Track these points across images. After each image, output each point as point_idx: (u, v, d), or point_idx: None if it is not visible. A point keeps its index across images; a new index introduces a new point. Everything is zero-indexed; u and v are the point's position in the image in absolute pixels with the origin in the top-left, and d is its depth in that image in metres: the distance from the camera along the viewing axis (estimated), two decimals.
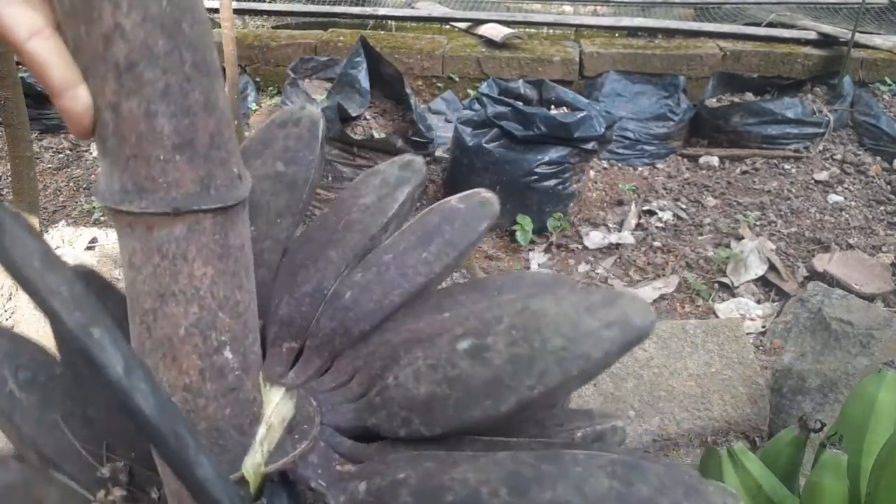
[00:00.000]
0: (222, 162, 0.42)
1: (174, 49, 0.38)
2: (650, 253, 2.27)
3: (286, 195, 0.65)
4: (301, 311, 0.63)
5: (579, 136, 2.29)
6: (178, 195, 0.41)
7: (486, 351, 0.48)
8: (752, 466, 1.01)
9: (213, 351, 0.45)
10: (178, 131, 0.40)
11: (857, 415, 0.98)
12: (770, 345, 1.70)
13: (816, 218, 2.44)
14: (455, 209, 0.67)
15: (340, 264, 0.65)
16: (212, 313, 0.45)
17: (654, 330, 0.46)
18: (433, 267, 0.63)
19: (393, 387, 0.52)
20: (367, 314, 0.61)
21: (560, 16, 4.16)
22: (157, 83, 0.38)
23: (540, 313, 0.48)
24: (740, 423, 1.26)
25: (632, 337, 0.45)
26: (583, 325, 0.46)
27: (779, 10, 3.99)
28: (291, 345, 0.63)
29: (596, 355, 0.44)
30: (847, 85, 3.08)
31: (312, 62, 3.21)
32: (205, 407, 0.46)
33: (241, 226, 0.45)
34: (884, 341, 1.40)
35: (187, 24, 0.38)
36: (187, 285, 0.43)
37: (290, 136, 0.67)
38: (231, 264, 0.45)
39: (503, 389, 0.46)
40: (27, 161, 1.97)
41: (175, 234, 0.42)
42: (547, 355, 0.45)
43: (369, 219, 0.67)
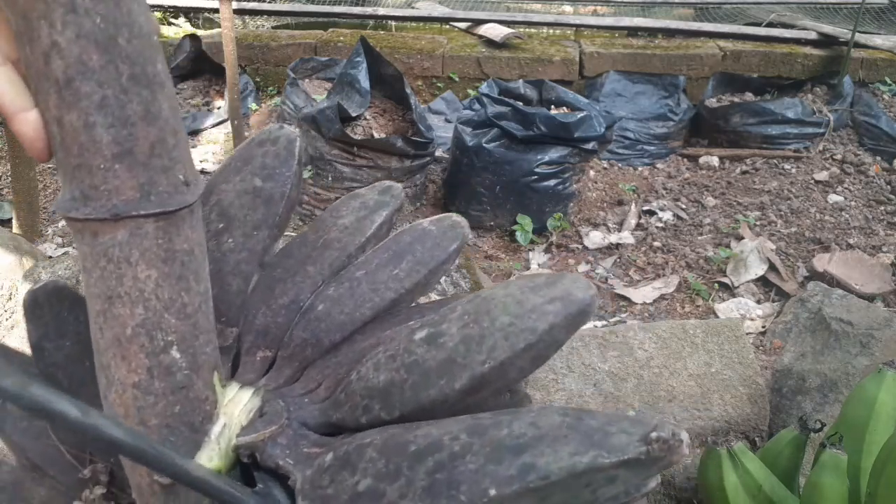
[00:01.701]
0: (165, 169, 0.44)
1: (109, 63, 0.40)
2: (650, 253, 2.27)
3: (263, 209, 0.68)
4: (276, 321, 0.66)
5: (579, 136, 2.29)
6: (119, 202, 0.43)
7: (440, 337, 0.51)
8: (752, 466, 1.01)
9: (160, 350, 0.47)
10: (116, 141, 0.42)
11: (857, 415, 0.98)
12: (770, 345, 1.70)
13: (816, 218, 2.44)
14: (427, 231, 0.70)
15: (317, 279, 0.67)
16: (157, 314, 0.46)
17: (595, 304, 0.49)
18: (403, 283, 0.66)
19: (355, 381, 0.54)
20: (338, 326, 0.64)
21: (560, 16, 4.16)
22: (94, 96, 0.40)
23: (489, 298, 0.51)
24: (740, 423, 1.26)
25: (574, 310, 0.48)
26: (528, 303, 0.49)
27: (779, 10, 3.99)
28: (265, 353, 0.65)
29: (541, 327, 0.47)
30: (847, 85, 3.08)
31: (312, 62, 3.21)
32: (154, 404, 0.48)
33: (190, 230, 0.47)
34: (884, 341, 1.40)
35: (123, 38, 0.40)
36: (132, 287, 0.45)
37: (267, 154, 0.70)
38: (177, 267, 0.46)
39: (456, 368, 0.49)
40: (27, 161, 1.97)
41: (118, 239, 0.44)
42: (495, 332, 0.48)
43: (347, 238, 0.70)
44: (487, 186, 2.36)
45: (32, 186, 2.03)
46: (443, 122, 3.12)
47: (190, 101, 3.40)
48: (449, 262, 0.70)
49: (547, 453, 0.41)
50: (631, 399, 1.25)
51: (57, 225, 2.37)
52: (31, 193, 2.03)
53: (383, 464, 0.45)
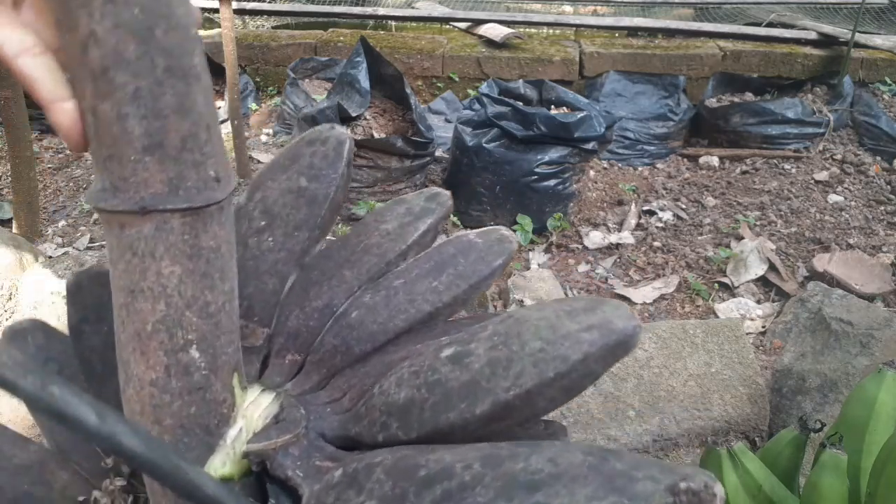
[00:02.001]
0: (195, 164, 0.43)
1: (145, 54, 0.40)
2: (650, 253, 2.27)
3: (306, 209, 0.67)
4: (309, 325, 0.64)
5: (579, 136, 2.29)
6: (147, 195, 0.42)
7: (466, 356, 0.48)
8: (752, 466, 1.01)
9: (179, 349, 0.46)
10: (148, 133, 0.41)
11: (857, 415, 0.98)
12: (770, 345, 1.70)
13: (816, 218, 2.44)
14: (472, 243, 0.68)
15: (353, 284, 0.66)
16: (178, 311, 0.46)
17: (638, 336, 0.44)
18: (442, 296, 0.63)
19: (377, 395, 0.52)
20: (370, 335, 0.62)
21: (560, 16, 4.16)
22: (128, 87, 0.40)
23: (522, 320, 0.48)
24: (740, 423, 1.26)
25: (612, 340, 0.43)
26: (562, 328, 0.45)
27: (779, 10, 3.99)
28: (295, 357, 0.64)
29: (574, 357, 0.44)
30: (847, 85, 3.08)
31: (312, 62, 3.21)
32: (170, 403, 0.47)
33: (218, 227, 0.46)
34: (884, 341, 1.40)
35: (161, 30, 0.40)
36: (155, 283, 0.45)
37: (316, 154, 0.69)
38: (202, 265, 0.46)
39: (479, 391, 0.46)
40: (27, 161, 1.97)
41: (144, 233, 0.44)
42: (524, 357, 0.45)
43: (388, 244, 0.68)
44: (487, 186, 2.36)
45: (32, 186, 2.03)
46: (443, 122, 3.12)
47: None
48: (492, 277, 0.67)
49: (562, 494, 0.38)
50: (631, 399, 1.25)
51: (57, 225, 2.37)
52: (31, 193, 2.03)
53: (390, 486, 0.43)
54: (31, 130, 2.02)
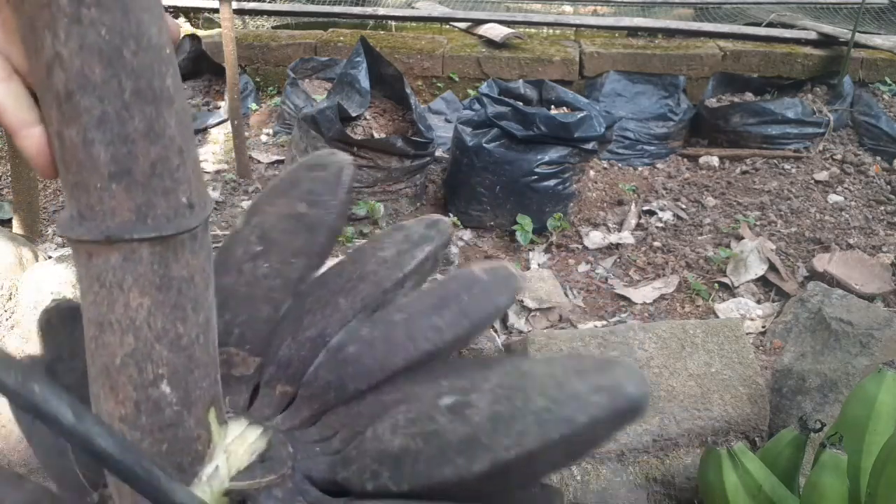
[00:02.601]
0: (165, 191, 0.42)
1: (112, 77, 0.38)
2: (650, 253, 2.27)
3: (304, 236, 0.65)
4: (301, 354, 0.63)
5: (579, 136, 2.29)
6: (113, 224, 0.41)
7: (467, 408, 0.46)
8: (752, 466, 1.01)
9: (149, 383, 0.45)
10: (114, 159, 0.40)
11: (857, 415, 0.98)
12: (770, 345, 1.70)
13: (816, 218, 2.44)
14: (477, 279, 0.65)
15: (347, 313, 0.64)
16: (148, 345, 0.44)
17: (647, 402, 0.43)
18: (444, 335, 0.61)
19: (369, 439, 0.51)
20: (366, 373, 0.60)
21: (560, 16, 4.16)
22: (94, 111, 0.38)
23: (528, 374, 0.46)
24: (740, 423, 1.26)
25: (622, 405, 0.42)
26: (569, 388, 0.43)
27: (779, 10, 3.99)
28: (285, 388, 0.63)
29: (580, 419, 0.41)
30: (847, 85, 3.08)
31: (312, 62, 3.21)
32: (140, 440, 0.46)
33: (191, 256, 0.44)
34: (884, 341, 1.40)
35: (129, 51, 0.38)
36: (123, 315, 0.43)
37: (316, 180, 0.67)
38: (172, 295, 0.44)
39: (478, 448, 0.43)
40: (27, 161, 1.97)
41: (111, 263, 0.42)
42: (528, 415, 0.43)
43: (385, 272, 0.66)
44: (487, 186, 2.36)
45: (32, 186, 2.03)
46: (443, 122, 3.12)
47: (190, 101, 3.40)
48: (497, 315, 0.65)
49: None
50: None
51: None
52: (31, 193, 2.03)
53: None
54: None
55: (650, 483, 1.23)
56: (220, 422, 0.50)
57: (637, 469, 1.22)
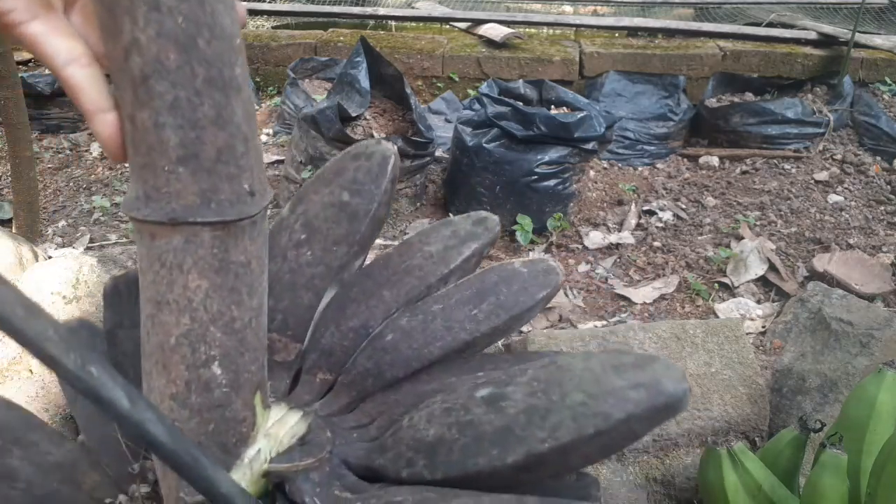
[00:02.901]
0: (230, 177, 0.42)
1: (186, 64, 0.39)
2: (650, 253, 2.27)
3: (346, 225, 0.66)
4: (343, 344, 0.63)
5: (579, 136, 2.29)
6: (178, 206, 0.42)
7: (503, 400, 0.46)
8: (752, 466, 1.01)
9: (201, 364, 0.46)
10: (183, 143, 0.40)
11: (857, 415, 0.98)
12: (770, 345, 1.70)
13: (816, 218, 2.44)
14: (516, 272, 0.66)
15: (391, 306, 0.64)
16: (203, 326, 0.45)
17: (687, 400, 0.42)
18: (480, 326, 0.62)
19: (406, 427, 0.51)
20: (403, 361, 0.60)
21: (560, 16, 4.16)
22: (167, 96, 0.39)
23: (565, 368, 0.46)
24: (740, 423, 1.26)
25: (660, 402, 0.41)
26: (607, 383, 0.43)
27: (779, 10, 3.99)
28: (326, 376, 0.63)
29: (616, 415, 0.42)
30: (847, 85, 3.08)
31: (312, 62, 3.21)
32: (188, 419, 0.46)
33: (249, 242, 0.45)
34: (884, 341, 1.40)
35: (203, 39, 0.39)
36: (181, 295, 0.44)
37: (360, 169, 0.67)
38: (230, 279, 0.45)
39: (513, 439, 0.44)
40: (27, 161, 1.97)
41: (173, 244, 0.43)
42: (563, 409, 0.43)
43: (430, 267, 0.67)
44: (487, 186, 2.36)
45: (32, 186, 2.03)
46: (443, 122, 3.12)
47: None
48: (535, 309, 0.65)
49: None
50: None
51: (57, 225, 2.37)
52: (31, 193, 2.03)
53: None
54: (31, 130, 2.02)
55: (650, 483, 1.23)
56: (265, 406, 0.51)
57: (637, 469, 1.22)
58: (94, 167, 2.83)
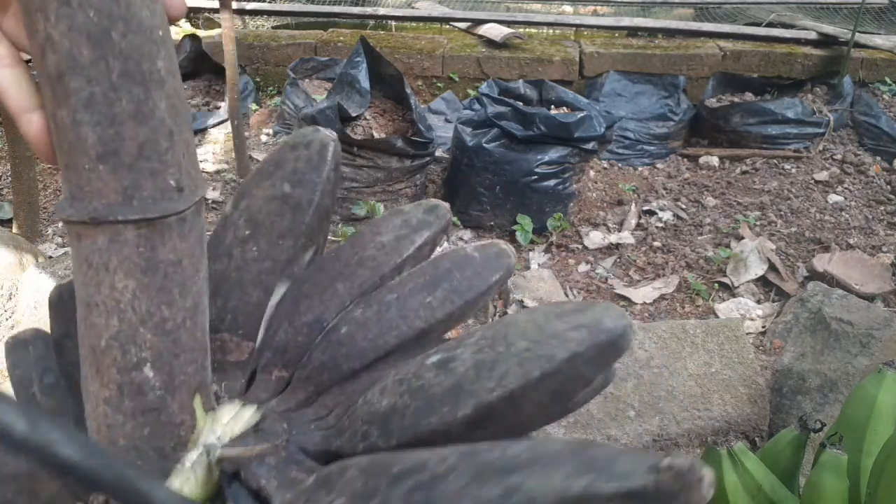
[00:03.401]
0: (153, 172, 0.42)
1: (100, 59, 0.39)
2: (650, 253, 2.27)
3: (290, 217, 0.65)
4: (297, 340, 0.63)
5: (579, 136, 2.29)
6: (99, 205, 0.41)
7: (452, 362, 0.47)
8: (752, 466, 1.01)
9: (133, 367, 0.45)
10: (101, 140, 0.40)
11: (857, 415, 0.98)
12: (770, 345, 1.70)
13: (816, 218, 2.44)
14: (468, 257, 0.65)
15: (345, 298, 0.64)
16: (132, 328, 0.44)
17: (629, 336, 0.43)
18: (435, 313, 0.61)
19: (360, 405, 0.51)
20: (359, 353, 0.60)
21: (560, 16, 4.16)
22: (82, 92, 0.39)
23: (509, 322, 0.47)
24: (740, 423, 1.26)
25: (601, 339, 0.42)
26: (549, 328, 0.44)
27: (779, 11, 3.99)
28: (282, 373, 0.63)
29: (560, 355, 0.42)
30: (847, 85, 3.08)
31: (312, 62, 3.21)
32: (123, 423, 0.46)
33: (179, 240, 0.44)
34: (884, 341, 1.40)
35: (118, 32, 0.39)
36: (108, 297, 0.43)
37: (300, 159, 0.66)
38: (159, 279, 0.44)
39: (462, 395, 0.44)
40: (27, 161, 1.97)
41: (98, 244, 0.42)
42: (510, 357, 0.44)
43: (383, 257, 0.66)
44: (487, 186, 2.36)
45: (32, 186, 2.03)
46: (443, 122, 3.12)
47: (190, 101, 3.40)
48: (489, 293, 0.65)
49: (538, 474, 0.37)
50: (631, 399, 1.25)
51: (57, 225, 2.37)
52: (31, 193, 2.03)
53: (361, 483, 0.43)
54: None
55: None
56: (207, 408, 0.50)
57: None
58: None
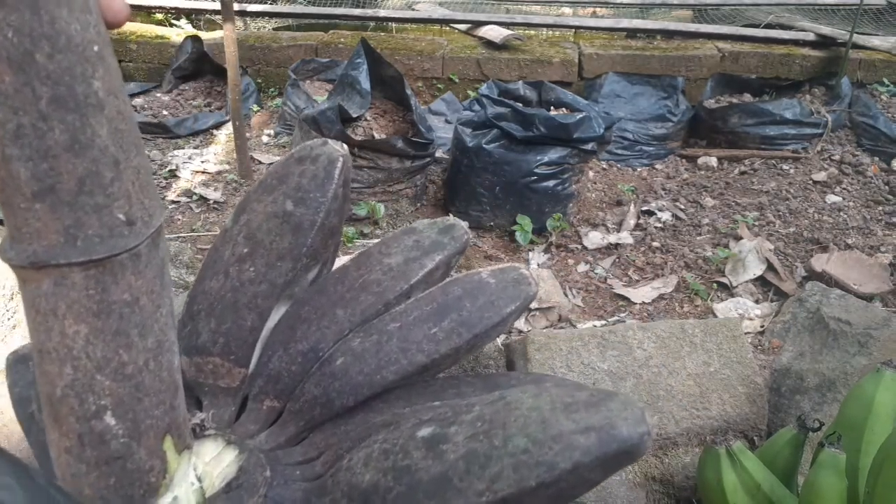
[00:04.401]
0: (97, 208, 0.38)
1: (24, 85, 0.34)
2: (649, 253, 2.28)
3: (290, 237, 0.61)
4: (291, 369, 0.59)
5: (578, 136, 2.30)
6: (39, 247, 0.37)
7: (444, 442, 0.42)
8: (750, 465, 1.02)
9: (92, 415, 0.41)
10: (35, 177, 0.35)
11: (855, 414, 0.98)
12: (768, 344, 1.71)
13: (815, 218, 2.45)
14: (482, 284, 0.58)
15: (344, 326, 0.59)
16: (88, 375, 0.41)
17: (646, 445, 0.37)
18: (440, 347, 0.56)
19: (344, 469, 0.48)
20: (353, 388, 0.56)
21: (559, 17, 4.17)
22: (8, 125, 0.34)
23: (513, 406, 0.42)
24: (739, 423, 1.27)
25: (611, 450, 0.36)
26: (554, 426, 0.38)
27: (777, 12, 4.00)
28: (273, 403, 0.59)
29: (562, 465, 0.37)
30: (845, 86, 3.09)
31: (313, 63, 3.22)
32: (86, 473, 0.43)
33: (134, 278, 0.40)
34: (882, 341, 1.41)
35: (42, 54, 0.33)
36: (60, 343, 0.40)
37: (305, 174, 0.62)
38: (113, 322, 0.40)
39: (449, 492, 0.40)
40: None
41: (43, 289, 0.39)
42: (505, 457, 0.38)
43: (389, 282, 0.61)
44: (487, 187, 2.37)
45: None
46: (443, 123, 3.13)
47: (191, 102, 3.41)
48: (503, 325, 0.58)
49: None
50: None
51: None
52: None
53: None
54: None
55: (649, 482, 1.24)
56: (181, 448, 0.47)
57: (636, 468, 1.23)
58: None
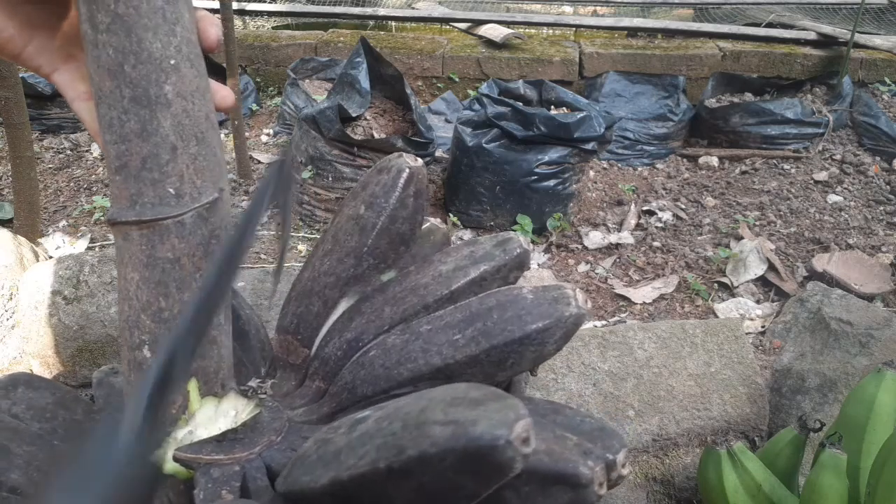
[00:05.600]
0: (153, 182, 0.49)
1: (116, 87, 0.46)
2: (650, 253, 2.27)
3: (357, 237, 0.69)
4: (337, 354, 0.66)
5: (579, 136, 2.29)
6: (116, 209, 0.50)
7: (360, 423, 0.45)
8: (751, 466, 1.01)
9: (136, 346, 0.52)
10: (118, 156, 0.48)
11: (856, 414, 0.98)
12: (769, 344, 1.70)
13: (816, 218, 2.44)
14: (518, 298, 0.58)
15: (385, 322, 0.66)
16: (136, 313, 0.51)
17: (508, 453, 0.35)
18: (457, 353, 0.57)
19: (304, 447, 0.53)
20: (373, 379, 0.61)
21: (560, 16, 4.17)
22: (106, 117, 0.47)
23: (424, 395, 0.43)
24: (740, 423, 1.27)
25: (460, 445, 0.35)
26: (427, 414, 0.39)
27: (778, 11, 3.99)
28: (320, 384, 0.66)
29: (409, 452, 0.38)
30: (846, 85, 3.08)
31: (313, 62, 3.21)
32: (129, 395, 0.53)
33: (178, 241, 0.50)
34: (883, 341, 1.41)
35: (129, 65, 0.46)
36: (124, 286, 0.51)
37: (379, 183, 0.70)
38: (157, 273, 0.51)
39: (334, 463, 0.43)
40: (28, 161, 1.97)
41: (119, 242, 0.51)
42: (378, 439, 0.40)
43: (434, 287, 0.66)
44: (487, 187, 2.37)
45: (33, 186, 2.03)
46: (443, 123, 3.13)
47: None
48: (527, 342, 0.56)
49: None
50: (630, 399, 1.26)
51: (57, 225, 2.37)
52: (31, 193, 2.03)
53: None
54: (31, 130, 2.02)
55: (650, 482, 1.23)
56: (204, 394, 0.55)
57: (636, 468, 1.22)
58: (94, 167, 2.83)
